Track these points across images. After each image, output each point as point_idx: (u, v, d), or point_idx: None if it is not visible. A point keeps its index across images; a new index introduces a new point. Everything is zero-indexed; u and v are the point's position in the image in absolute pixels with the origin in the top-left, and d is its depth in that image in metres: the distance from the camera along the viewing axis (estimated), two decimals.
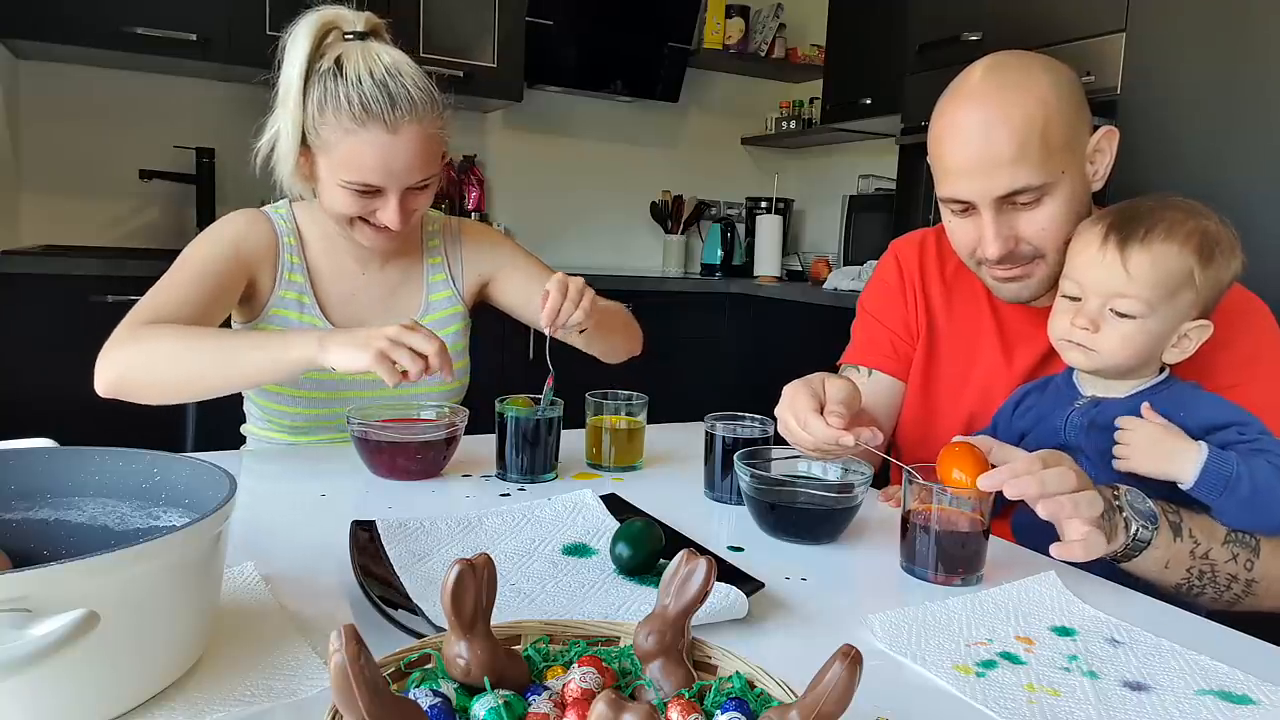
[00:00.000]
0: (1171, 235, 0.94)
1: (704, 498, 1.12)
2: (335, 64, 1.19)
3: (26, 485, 0.72)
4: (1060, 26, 2.33)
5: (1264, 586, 0.94)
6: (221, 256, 1.26)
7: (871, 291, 1.31)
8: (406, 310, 1.40)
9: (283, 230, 1.34)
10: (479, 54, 3.21)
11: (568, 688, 0.51)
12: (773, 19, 3.89)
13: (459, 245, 1.46)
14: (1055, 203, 1.02)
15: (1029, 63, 1.04)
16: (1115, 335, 0.96)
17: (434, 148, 1.23)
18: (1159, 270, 0.93)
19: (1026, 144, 0.99)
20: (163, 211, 3.12)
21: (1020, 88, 1.01)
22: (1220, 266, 0.95)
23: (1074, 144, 1.03)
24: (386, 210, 1.22)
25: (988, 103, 1.02)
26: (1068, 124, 1.01)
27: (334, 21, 1.22)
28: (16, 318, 2.40)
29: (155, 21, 2.64)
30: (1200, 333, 0.97)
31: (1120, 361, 0.97)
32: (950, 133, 1.04)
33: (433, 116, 1.22)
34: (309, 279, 1.34)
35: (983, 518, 0.87)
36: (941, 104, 1.08)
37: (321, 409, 1.33)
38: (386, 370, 1.04)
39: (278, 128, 1.24)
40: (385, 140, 1.17)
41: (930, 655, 0.71)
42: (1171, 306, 0.95)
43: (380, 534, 0.86)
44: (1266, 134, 1.90)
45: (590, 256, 3.91)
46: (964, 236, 1.09)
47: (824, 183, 4.06)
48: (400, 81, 1.19)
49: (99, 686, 0.55)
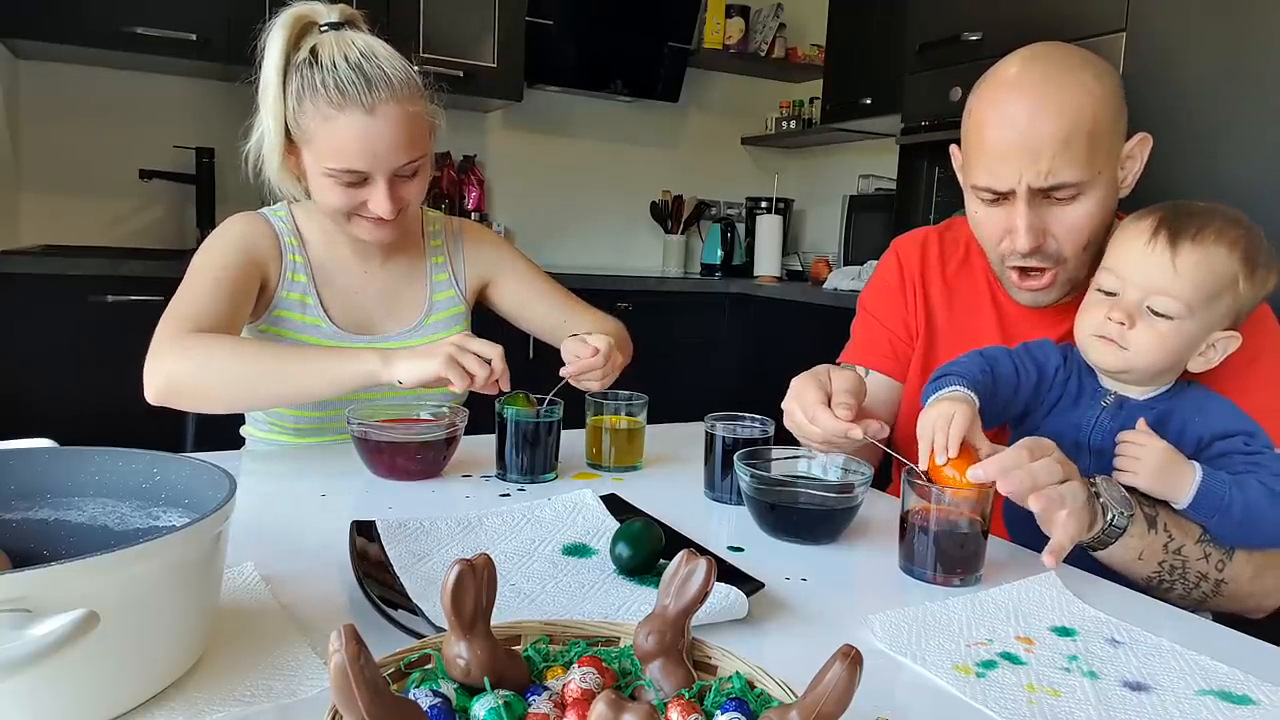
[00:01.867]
0: (1222, 237, 0.92)
1: (704, 498, 1.12)
2: (310, 54, 1.19)
3: (26, 485, 0.72)
4: (1060, 26, 2.33)
5: (1231, 589, 0.95)
6: (235, 259, 1.27)
7: (872, 290, 1.31)
8: (410, 309, 1.40)
9: (283, 231, 1.34)
10: (479, 54, 3.21)
11: (568, 688, 0.51)
12: (773, 19, 3.89)
13: (460, 245, 1.47)
14: (1089, 203, 1.02)
15: (1078, 57, 1.03)
16: (1150, 334, 0.94)
17: (418, 128, 1.22)
18: (1205, 271, 0.92)
19: (1072, 136, 0.98)
20: (163, 211, 3.12)
21: (1069, 79, 1.00)
22: (1261, 279, 0.94)
23: (1113, 145, 1.02)
24: (376, 198, 1.22)
25: (1036, 90, 1.00)
26: (1111, 123, 1.01)
27: (308, 15, 1.22)
28: (16, 318, 2.40)
29: (155, 21, 2.64)
30: (1228, 344, 0.96)
31: (1150, 363, 0.95)
32: (995, 117, 1.02)
33: (412, 95, 1.21)
34: (311, 279, 1.34)
35: (982, 518, 0.87)
36: (982, 90, 1.06)
37: (326, 410, 1.33)
38: (457, 375, 1.06)
39: (262, 128, 1.24)
40: (364, 122, 1.17)
41: (930, 655, 0.71)
42: (1209, 311, 0.93)
43: (380, 534, 0.86)
44: (1267, 133, 1.90)
45: (590, 256, 3.91)
46: (992, 227, 1.07)
47: (824, 183, 4.06)
48: (375, 63, 1.19)
49: (99, 686, 0.55)
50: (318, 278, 1.35)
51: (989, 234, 1.09)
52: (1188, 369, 0.98)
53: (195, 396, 1.14)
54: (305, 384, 1.13)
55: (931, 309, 1.24)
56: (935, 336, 1.23)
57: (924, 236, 1.28)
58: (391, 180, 1.22)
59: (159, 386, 1.12)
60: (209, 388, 1.13)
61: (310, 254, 1.35)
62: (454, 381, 1.07)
